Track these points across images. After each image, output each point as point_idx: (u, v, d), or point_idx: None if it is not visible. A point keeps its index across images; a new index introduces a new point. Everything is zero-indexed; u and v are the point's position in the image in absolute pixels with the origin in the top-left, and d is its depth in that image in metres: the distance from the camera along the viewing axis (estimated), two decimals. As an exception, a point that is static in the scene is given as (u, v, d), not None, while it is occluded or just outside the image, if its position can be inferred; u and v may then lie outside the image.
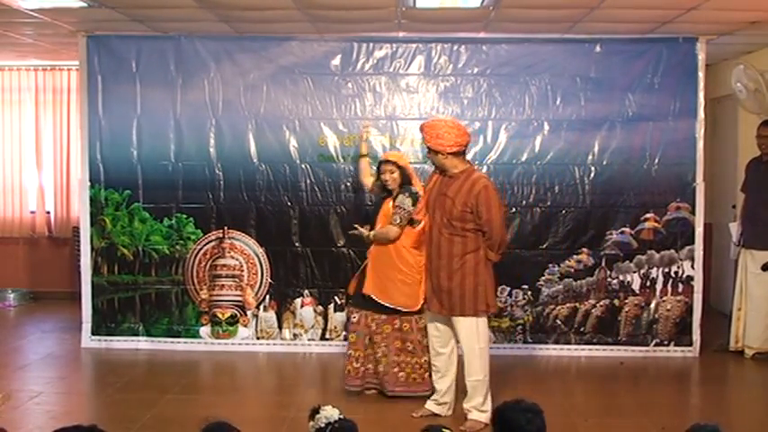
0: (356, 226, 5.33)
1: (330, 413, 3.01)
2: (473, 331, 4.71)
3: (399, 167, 5.23)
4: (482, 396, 4.74)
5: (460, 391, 4.89)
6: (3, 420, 4.59)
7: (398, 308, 5.14)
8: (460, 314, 4.71)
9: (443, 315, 4.80)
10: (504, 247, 4.76)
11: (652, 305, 6.44)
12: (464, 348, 4.76)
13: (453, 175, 4.75)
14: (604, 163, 6.39)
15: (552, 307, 6.47)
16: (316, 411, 3.03)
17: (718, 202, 7.82)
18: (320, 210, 6.46)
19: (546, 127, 6.39)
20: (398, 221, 5.09)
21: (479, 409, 4.74)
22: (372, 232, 5.24)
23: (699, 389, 6.01)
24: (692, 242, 6.39)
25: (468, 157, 6.37)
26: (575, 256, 6.43)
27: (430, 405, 4.95)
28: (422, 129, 4.87)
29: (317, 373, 6.21)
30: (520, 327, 6.49)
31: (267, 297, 6.53)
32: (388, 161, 5.30)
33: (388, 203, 5.25)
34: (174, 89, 6.45)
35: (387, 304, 5.15)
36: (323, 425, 2.96)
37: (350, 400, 5.12)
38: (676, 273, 6.42)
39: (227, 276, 6.52)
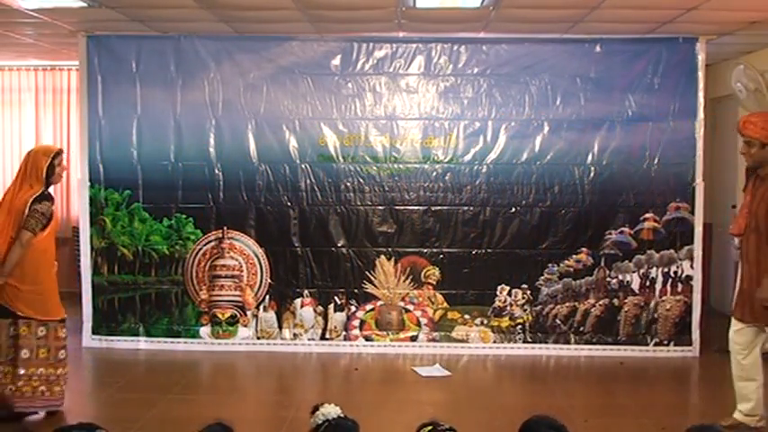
0: None
1: (329, 410, 3.00)
2: None
3: None
4: (745, 401, 4.59)
5: None
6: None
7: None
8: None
9: (746, 323, 4.58)
10: None
11: (651, 305, 6.44)
12: None
13: (766, 174, 4.50)
14: (604, 163, 6.39)
15: (552, 306, 6.48)
16: (316, 408, 3.03)
17: (718, 202, 7.82)
18: (320, 210, 6.47)
19: (546, 127, 6.40)
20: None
21: (743, 411, 4.61)
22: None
23: (699, 389, 6.01)
24: (692, 242, 6.40)
25: (468, 157, 6.47)
26: (574, 256, 6.44)
27: (736, 413, 4.67)
28: (748, 126, 4.45)
29: (318, 373, 6.21)
30: (519, 326, 6.50)
31: (267, 297, 6.54)
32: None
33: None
34: (174, 89, 6.46)
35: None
36: (320, 421, 2.95)
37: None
38: (676, 272, 6.42)
39: (226, 277, 6.52)
